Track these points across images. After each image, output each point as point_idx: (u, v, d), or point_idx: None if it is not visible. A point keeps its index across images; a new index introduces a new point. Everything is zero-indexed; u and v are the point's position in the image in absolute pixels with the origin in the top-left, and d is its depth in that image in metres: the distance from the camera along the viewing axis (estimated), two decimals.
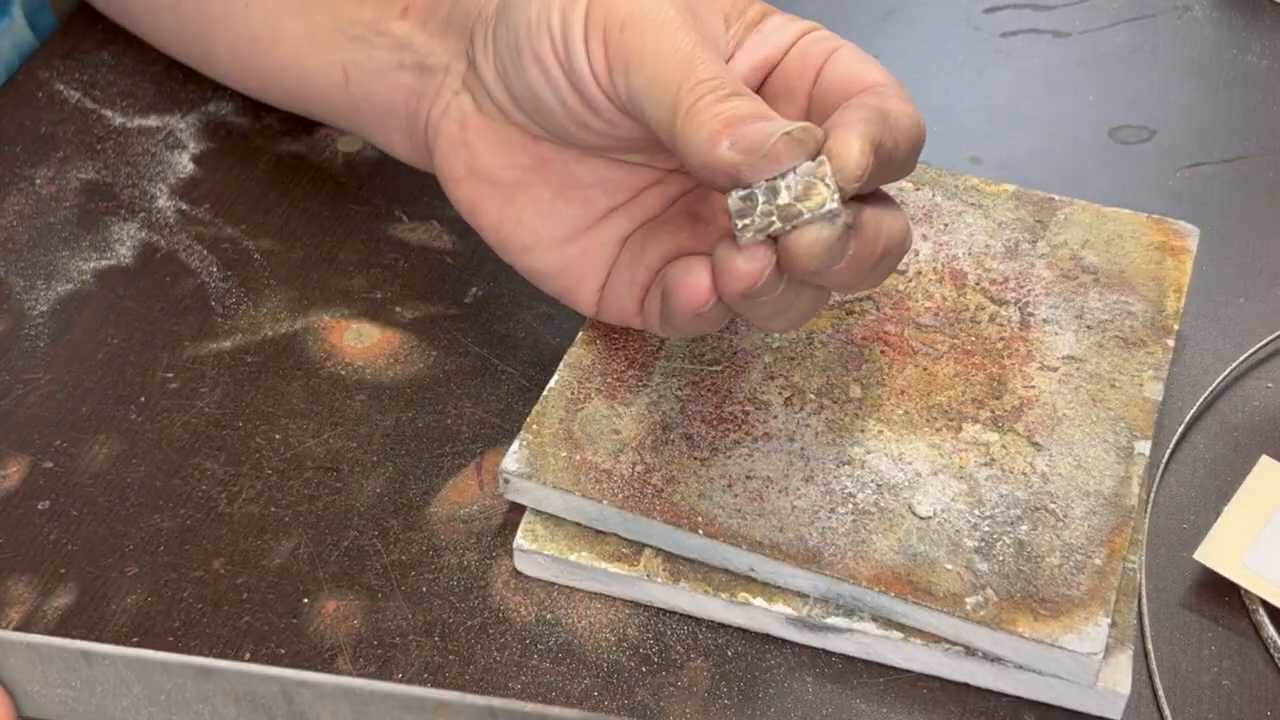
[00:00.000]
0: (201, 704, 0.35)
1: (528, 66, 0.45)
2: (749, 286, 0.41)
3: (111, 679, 0.36)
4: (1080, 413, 0.50)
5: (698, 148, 0.41)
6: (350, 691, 0.34)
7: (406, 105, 0.52)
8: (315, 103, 0.56)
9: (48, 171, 0.62)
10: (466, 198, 0.50)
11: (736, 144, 0.40)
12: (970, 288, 0.54)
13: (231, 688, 0.35)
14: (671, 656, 0.47)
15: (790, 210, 0.40)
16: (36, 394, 0.54)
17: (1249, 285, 0.58)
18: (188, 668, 0.35)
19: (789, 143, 0.40)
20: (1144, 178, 0.63)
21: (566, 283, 0.50)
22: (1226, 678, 0.47)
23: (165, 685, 0.35)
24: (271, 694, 0.35)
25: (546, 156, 0.49)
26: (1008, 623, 0.44)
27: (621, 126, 0.45)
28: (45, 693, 0.36)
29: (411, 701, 0.34)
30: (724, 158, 0.40)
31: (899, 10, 0.71)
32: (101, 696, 0.36)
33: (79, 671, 0.36)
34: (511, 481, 0.48)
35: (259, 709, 0.35)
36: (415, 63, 0.51)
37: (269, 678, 0.35)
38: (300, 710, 0.35)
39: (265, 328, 0.57)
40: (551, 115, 0.46)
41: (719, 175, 0.41)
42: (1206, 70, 0.68)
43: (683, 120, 0.41)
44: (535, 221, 0.49)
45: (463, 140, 0.49)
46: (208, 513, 0.51)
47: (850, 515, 0.47)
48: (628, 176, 0.49)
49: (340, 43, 0.53)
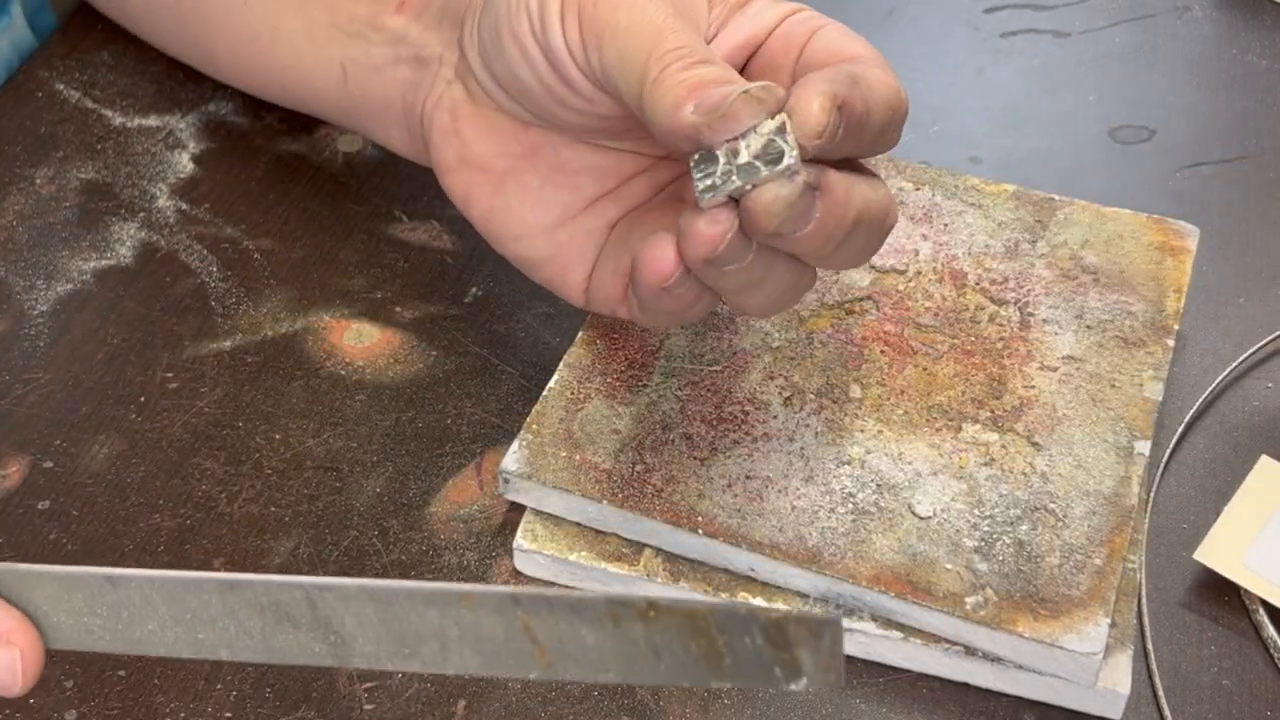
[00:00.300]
0: (227, 619, 0.36)
1: (506, 46, 0.46)
2: (711, 250, 0.41)
3: (137, 602, 0.36)
4: (1080, 413, 0.50)
5: (663, 114, 0.41)
6: (373, 592, 0.34)
7: (404, 99, 0.52)
8: (315, 100, 0.57)
9: (48, 171, 0.62)
10: (459, 187, 0.50)
11: (699, 107, 0.40)
12: (970, 288, 0.54)
13: (256, 599, 0.35)
14: None
15: (749, 168, 0.40)
16: (36, 394, 0.54)
17: (1249, 285, 0.58)
18: (212, 583, 0.35)
19: (747, 100, 0.40)
20: (1144, 178, 0.63)
21: (555, 270, 0.50)
22: (1226, 678, 0.47)
23: (190, 603, 0.36)
24: (295, 602, 0.35)
25: (535, 143, 0.49)
26: (1008, 622, 0.44)
27: (600, 103, 0.45)
28: (72, 622, 0.37)
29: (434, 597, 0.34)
30: (686, 120, 0.40)
31: (899, 10, 0.71)
32: (128, 621, 0.36)
33: (105, 597, 0.36)
34: (511, 481, 0.48)
35: (283, 619, 0.35)
36: (411, 56, 0.52)
37: (292, 585, 0.35)
38: (324, 616, 0.35)
39: (265, 328, 0.57)
40: (531, 95, 0.46)
41: (682, 139, 0.41)
42: (1206, 70, 0.68)
43: (650, 88, 0.41)
44: (524, 209, 0.49)
45: (454, 129, 0.49)
46: (208, 513, 0.51)
47: (850, 515, 0.47)
48: (615, 163, 0.49)
49: (338, 39, 0.54)
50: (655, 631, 0.33)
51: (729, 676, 0.33)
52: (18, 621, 0.36)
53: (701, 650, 0.33)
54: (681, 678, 0.33)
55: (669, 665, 0.33)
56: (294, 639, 0.35)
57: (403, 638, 0.34)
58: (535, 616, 0.33)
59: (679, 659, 0.33)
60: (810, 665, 0.32)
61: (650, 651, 0.33)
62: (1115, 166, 0.63)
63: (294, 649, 0.35)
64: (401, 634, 0.34)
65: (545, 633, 0.34)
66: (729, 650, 0.33)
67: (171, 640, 0.36)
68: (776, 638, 0.32)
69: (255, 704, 0.46)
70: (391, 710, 0.46)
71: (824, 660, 0.32)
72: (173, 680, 0.47)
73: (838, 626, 0.32)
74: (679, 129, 0.40)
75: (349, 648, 0.35)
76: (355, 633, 0.35)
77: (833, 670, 0.32)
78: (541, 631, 0.34)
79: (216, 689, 0.46)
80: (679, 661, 0.33)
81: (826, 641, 0.32)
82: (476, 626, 0.34)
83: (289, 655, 0.35)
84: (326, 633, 0.35)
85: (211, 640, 0.36)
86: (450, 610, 0.34)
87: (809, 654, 0.32)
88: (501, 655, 0.34)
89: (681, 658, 0.33)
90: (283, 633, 0.35)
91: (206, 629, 0.36)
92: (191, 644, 0.36)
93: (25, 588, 0.37)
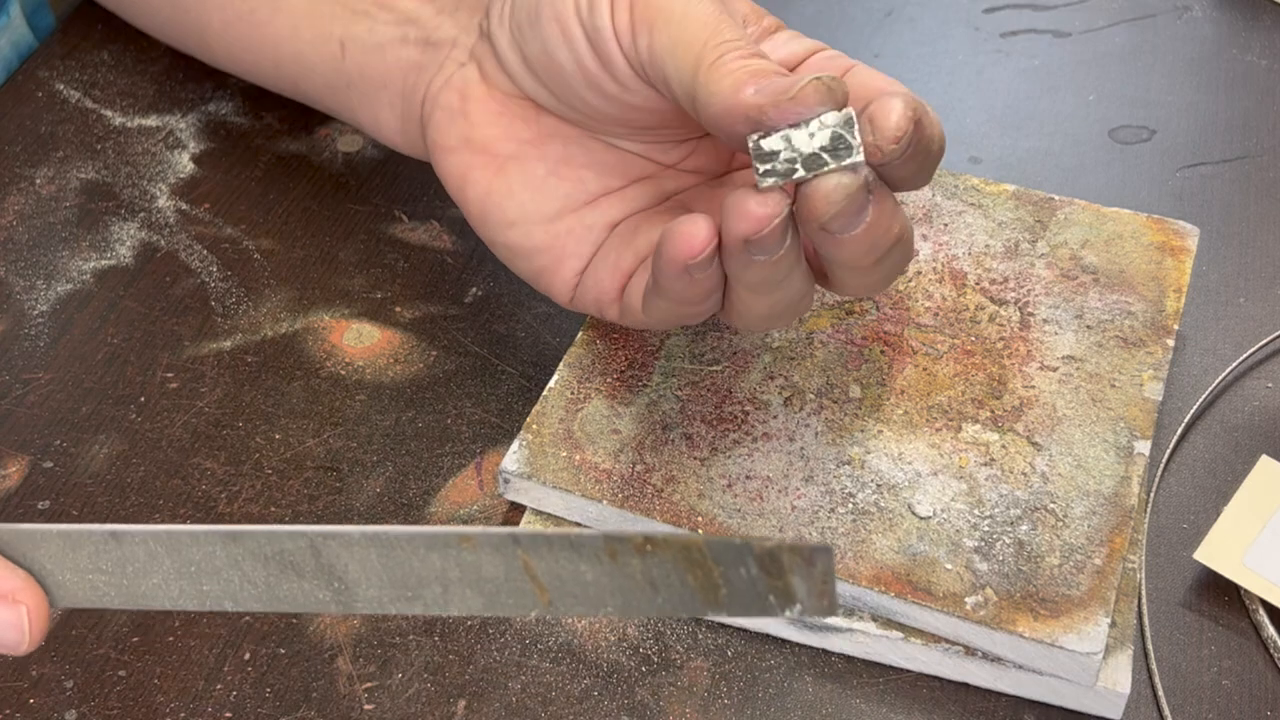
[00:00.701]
0: (231, 570, 0.36)
1: (546, 25, 0.46)
2: (757, 230, 0.41)
3: (142, 556, 0.36)
4: (1080, 413, 0.50)
5: (721, 95, 0.41)
6: (375, 538, 0.35)
7: (404, 80, 0.52)
8: (306, 79, 0.56)
9: (48, 171, 0.62)
10: (457, 169, 0.50)
11: (762, 90, 0.40)
12: (970, 288, 0.54)
13: (260, 549, 0.36)
14: (671, 656, 0.47)
15: (815, 158, 0.40)
16: (36, 394, 0.54)
17: (1249, 285, 0.58)
18: (215, 535, 0.36)
19: (818, 87, 0.40)
20: (1144, 178, 0.63)
21: (546, 261, 0.49)
22: (1226, 678, 0.47)
23: (195, 556, 0.36)
24: (299, 550, 0.36)
25: (546, 132, 0.49)
26: (1007, 622, 0.44)
27: (635, 92, 0.45)
28: (77, 580, 0.37)
29: (435, 540, 0.35)
30: (748, 100, 0.40)
31: (899, 10, 0.71)
32: (133, 576, 0.37)
33: (109, 553, 0.37)
34: (511, 481, 0.48)
35: (287, 567, 0.36)
36: (420, 38, 0.52)
37: (295, 534, 0.36)
38: (328, 563, 0.36)
39: (265, 328, 0.57)
40: (563, 77, 0.46)
41: (740, 119, 0.41)
42: (1206, 70, 0.68)
43: (706, 71, 0.41)
44: (525, 195, 0.49)
45: (462, 111, 0.49)
46: (208, 513, 0.51)
47: (850, 515, 0.47)
48: (624, 164, 0.49)
49: (341, 16, 0.54)
50: (652, 565, 0.34)
51: (725, 607, 0.34)
52: (23, 580, 0.37)
53: (698, 582, 0.34)
54: (679, 609, 0.34)
55: (666, 598, 0.34)
56: (298, 587, 0.36)
57: (405, 581, 0.35)
58: (535, 555, 0.34)
59: (676, 591, 0.34)
60: (803, 592, 0.33)
61: (647, 585, 0.34)
62: (1115, 166, 0.63)
63: (298, 597, 0.36)
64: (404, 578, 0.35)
65: (545, 571, 0.34)
66: (724, 581, 0.34)
67: (176, 593, 0.37)
68: (770, 566, 0.33)
69: (255, 704, 0.46)
70: (391, 710, 0.46)
71: (817, 587, 0.33)
72: (173, 680, 0.47)
73: (829, 554, 0.33)
74: (739, 108, 0.41)
75: (352, 594, 0.36)
76: (359, 579, 0.36)
77: (825, 596, 0.33)
78: (541, 569, 0.34)
79: (216, 689, 0.46)
80: (676, 594, 0.34)
81: (819, 569, 0.33)
82: (477, 567, 0.35)
83: (293, 604, 0.36)
84: (330, 580, 0.36)
85: (216, 591, 0.36)
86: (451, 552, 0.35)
87: (802, 581, 0.33)
88: (502, 595, 0.35)
89: (678, 590, 0.34)
90: (287, 581, 0.36)
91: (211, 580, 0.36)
92: (196, 596, 0.37)
93: (30, 547, 0.37)
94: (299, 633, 0.48)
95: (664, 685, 0.46)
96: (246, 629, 0.48)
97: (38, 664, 0.47)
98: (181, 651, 0.47)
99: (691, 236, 0.42)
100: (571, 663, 0.47)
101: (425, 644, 0.47)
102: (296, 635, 0.48)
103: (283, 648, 0.47)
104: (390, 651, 0.47)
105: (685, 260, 0.42)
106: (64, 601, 0.37)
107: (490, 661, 0.47)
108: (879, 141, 0.40)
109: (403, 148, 0.54)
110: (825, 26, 0.70)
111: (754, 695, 0.46)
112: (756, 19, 0.46)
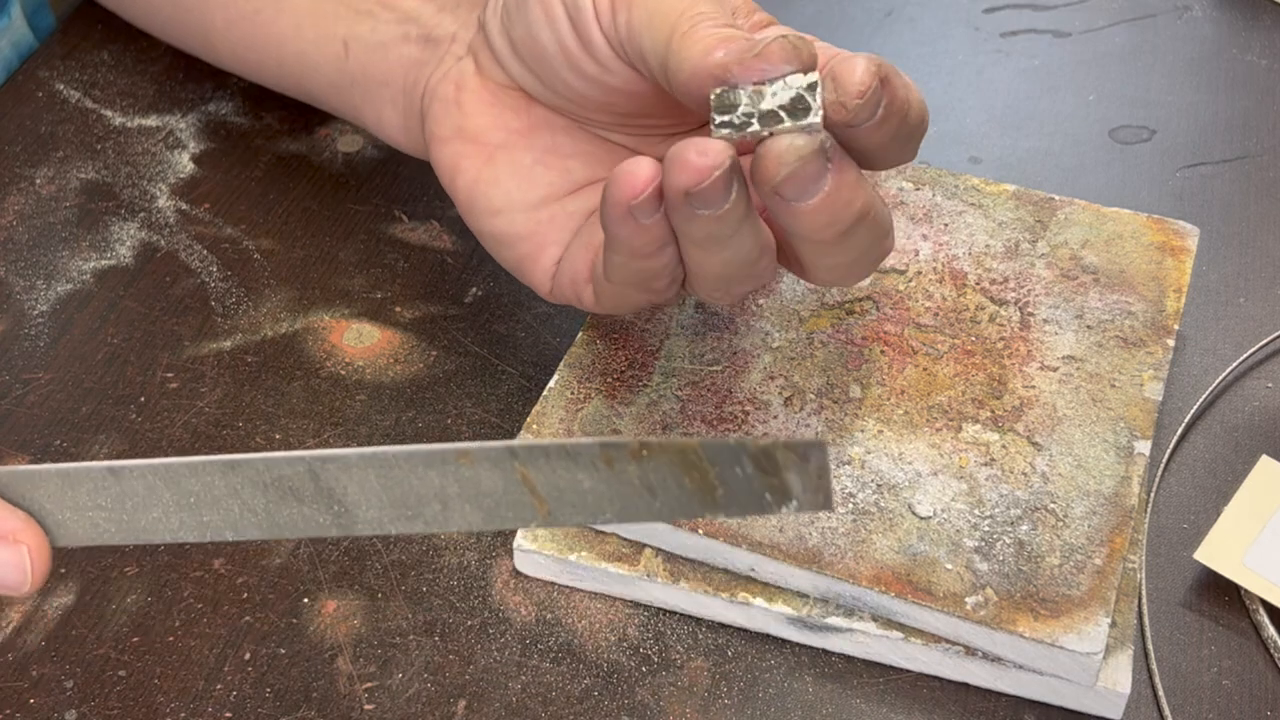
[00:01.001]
0: (230, 499, 0.36)
1: (532, 8, 0.46)
2: (697, 182, 0.40)
3: (141, 491, 0.37)
4: (1080, 413, 0.50)
5: (690, 59, 0.41)
6: (374, 459, 0.35)
7: (406, 77, 0.52)
8: (310, 78, 0.57)
9: (48, 171, 0.62)
10: (449, 158, 0.50)
11: (730, 51, 0.40)
12: (970, 288, 0.54)
13: (259, 476, 0.36)
14: (671, 656, 0.47)
15: (771, 115, 0.39)
16: (36, 394, 0.54)
17: (1249, 285, 0.58)
18: (214, 465, 0.36)
19: (783, 44, 0.39)
20: (1144, 178, 0.63)
21: (527, 250, 0.49)
22: (1226, 678, 0.47)
23: (194, 487, 0.36)
24: (298, 475, 0.36)
25: (535, 123, 0.49)
26: (1008, 622, 0.44)
27: (614, 73, 0.45)
28: (76, 518, 0.37)
29: (434, 457, 0.35)
30: (715, 59, 0.40)
31: (899, 10, 0.71)
32: (132, 511, 0.37)
33: (108, 489, 0.37)
34: None
35: (287, 493, 0.36)
36: (421, 35, 0.52)
37: (294, 459, 0.36)
38: (327, 486, 0.36)
39: (265, 328, 0.57)
40: (546, 58, 0.47)
41: (707, 78, 0.40)
42: (1206, 70, 0.68)
43: (679, 40, 0.41)
44: (511, 183, 0.49)
45: (456, 101, 0.50)
46: None
47: (850, 515, 0.47)
48: (611, 155, 0.49)
49: (344, 15, 0.54)
50: (649, 469, 0.34)
51: (722, 507, 0.34)
52: (23, 521, 0.37)
53: (694, 484, 0.34)
54: (677, 513, 0.34)
55: (664, 502, 0.34)
56: (298, 512, 0.36)
57: (405, 501, 0.35)
58: (532, 467, 0.34)
59: (673, 495, 0.34)
60: (799, 488, 0.33)
61: (645, 490, 0.34)
62: (1115, 166, 0.63)
63: (298, 522, 0.36)
64: (404, 497, 0.35)
65: (543, 482, 0.35)
66: (720, 481, 0.34)
67: (176, 526, 0.37)
68: (766, 464, 0.33)
69: (255, 704, 0.46)
70: (391, 710, 0.46)
71: (812, 483, 0.33)
72: (173, 680, 0.47)
73: (823, 449, 0.33)
74: (706, 68, 0.40)
75: (353, 516, 0.36)
76: (359, 500, 0.36)
77: (820, 492, 0.33)
78: (539, 481, 0.35)
79: (216, 689, 0.46)
80: (673, 497, 0.34)
81: (814, 465, 0.33)
82: (476, 482, 0.35)
83: (293, 529, 0.36)
84: (330, 503, 0.36)
85: (216, 521, 0.37)
86: (450, 469, 0.35)
87: (797, 478, 0.33)
88: (502, 508, 0.35)
89: (675, 493, 0.34)
90: (287, 507, 0.36)
91: (210, 511, 0.36)
92: (196, 527, 0.37)
93: (28, 488, 0.37)
94: (299, 633, 0.48)
95: (664, 685, 0.46)
96: (246, 629, 0.48)
97: (38, 664, 0.47)
98: (181, 651, 0.47)
99: (633, 176, 0.41)
100: (571, 663, 0.47)
101: (425, 644, 0.47)
102: (296, 635, 0.48)
103: (283, 648, 0.47)
104: (390, 651, 0.47)
105: (627, 201, 0.41)
106: (64, 540, 0.38)
107: (490, 661, 0.47)
108: (842, 98, 0.39)
109: (406, 146, 0.54)
110: (825, 26, 0.70)
111: (754, 695, 0.46)
112: (748, 13, 0.46)
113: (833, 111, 0.40)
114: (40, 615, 0.48)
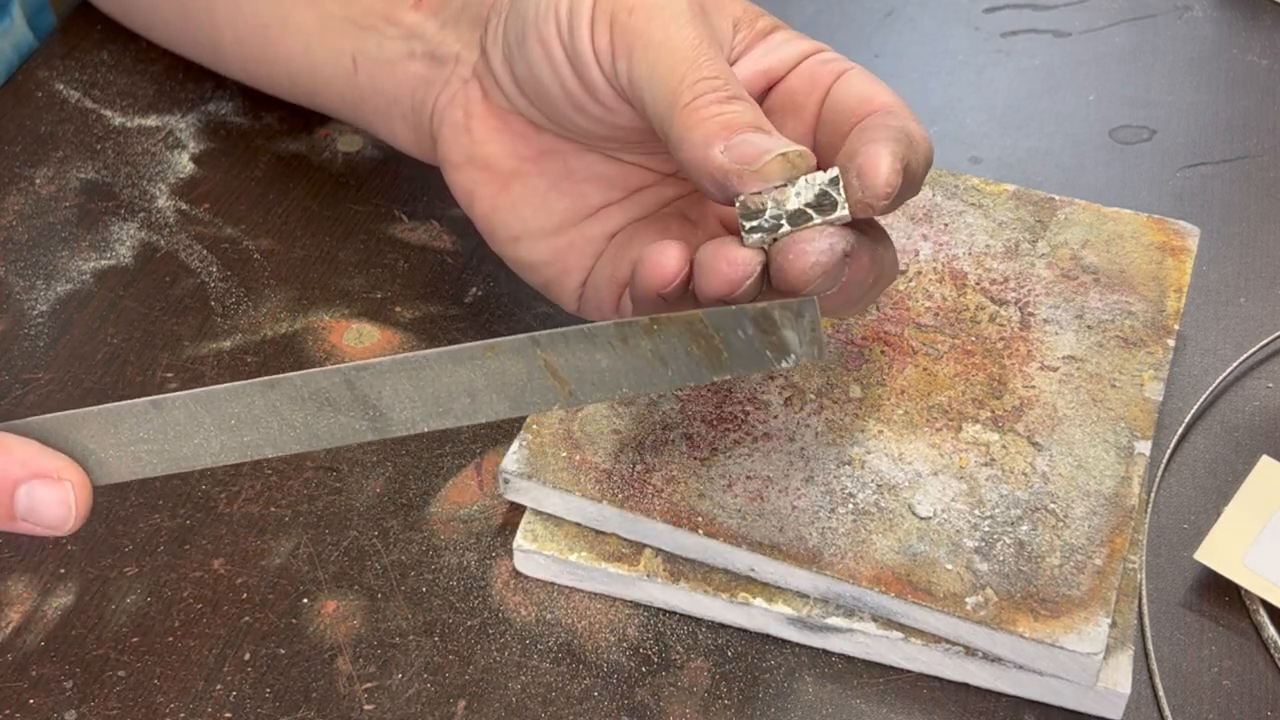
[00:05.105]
0: (270, 417, 0.39)
1: (532, 48, 0.46)
2: (730, 291, 0.41)
3: (183, 420, 0.39)
4: (1080, 413, 0.50)
5: (692, 146, 0.41)
6: (405, 363, 0.38)
7: (414, 95, 0.52)
8: (321, 93, 0.57)
9: (48, 171, 0.62)
10: (464, 184, 0.50)
11: (730, 151, 0.40)
12: (970, 288, 0.54)
13: (296, 392, 0.39)
14: (671, 656, 0.47)
15: (801, 215, 0.40)
16: (36, 394, 0.54)
17: (1249, 285, 0.58)
18: (253, 386, 0.39)
19: (781, 163, 0.40)
20: (1144, 178, 0.63)
21: (551, 274, 0.50)
22: (1226, 678, 0.47)
23: (234, 409, 0.39)
24: (334, 386, 0.39)
25: (546, 148, 0.49)
26: (1008, 623, 0.44)
27: (619, 113, 0.45)
28: (119, 453, 0.40)
29: (462, 354, 0.38)
30: (716, 161, 0.41)
31: (899, 10, 0.71)
32: (174, 440, 0.39)
33: (150, 422, 0.39)
34: (511, 481, 0.48)
35: (324, 405, 0.39)
36: (426, 52, 0.52)
37: (330, 372, 0.39)
38: (362, 394, 0.39)
39: (265, 328, 0.57)
40: (550, 99, 0.46)
41: (707, 178, 0.41)
42: (1206, 70, 0.68)
43: (681, 114, 0.41)
44: (527, 211, 0.49)
45: (466, 127, 0.50)
46: (207, 513, 0.51)
47: (850, 515, 0.47)
48: (624, 175, 0.49)
49: (351, 32, 0.54)
50: (660, 342, 0.38)
51: (728, 368, 0.39)
52: (65, 461, 0.40)
53: (701, 350, 0.39)
54: (687, 378, 0.39)
55: (675, 369, 0.39)
56: (335, 421, 0.39)
57: (436, 398, 0.39)
58: (554, 352, 0.38)
59: (683, 362, 0.39)
60: (795, 343, 0.38)
61: (657, 361, 0.39)
62: (1115, 166, 0.63)
63: (336, 431, 0.39)
64: (435, 395, 0.39)
65: (564, 365, 0.38)
66: (725, 345, 0.39)
67: (218, 448, 0.39)
68: (765, 324, 0.38)
69: (255, 704, 0.46)
70: (391, 710, 0.46)
71: (807, 335, 0.38)
72: (173, 680, 0.47)
73: (814, 304, 0.38)
74: (706, 167, 0.41)
75: (387, 419, 0.39)
76: (392, 403, 0.39)
77: (815, 343, 0.38)
78: (561, 364, 0.38)
79: (216, 689, 0.46)
80: (683, 364, 0.39)
81: (808, 319, 0.38)
82: (501, 373, 0.39)
83: (331, 438, 0.39)
84: (365, 409, 0.39)
85: (257, 440, 0.39)
86: (477, 363, 0.39)
87: (793, 333, 0.38)
88: (527, 394, 0.39)
89: (685, 361, 0.39)
90: (324, 418, 0.39)
91: (251, 430, 0.39)
92: (238, 448, 0.39)
93: (70, 430, 0.40)
94: (299, 633, 0.48)
95: (664, 685, 0.46)
96: (246, 629, 0.48)
97: (37, 664, 0.47)
98: (181, 651, 0.47)
99: (662, 267, 0.42)
100: (571, 663, 0.47)
101: (425, 644, 0.47)
102: (296, 635, 0.48)
103: (283, 648, 0.47)
104: (390, 651, 0.47)
105: (657, 290, 0.42)
106: (105, 478, 0.40)
107: (490, 661, 0.47)
108: (867, 198, 0.40)
109: (420, 157, 0.54)
110: (825, 26, 0.70)
111: (754, 695, 0.46)
112: (750, 21, 0.46)
113: (857, 209, 0.41)
114: (40, 615, 0.48)
